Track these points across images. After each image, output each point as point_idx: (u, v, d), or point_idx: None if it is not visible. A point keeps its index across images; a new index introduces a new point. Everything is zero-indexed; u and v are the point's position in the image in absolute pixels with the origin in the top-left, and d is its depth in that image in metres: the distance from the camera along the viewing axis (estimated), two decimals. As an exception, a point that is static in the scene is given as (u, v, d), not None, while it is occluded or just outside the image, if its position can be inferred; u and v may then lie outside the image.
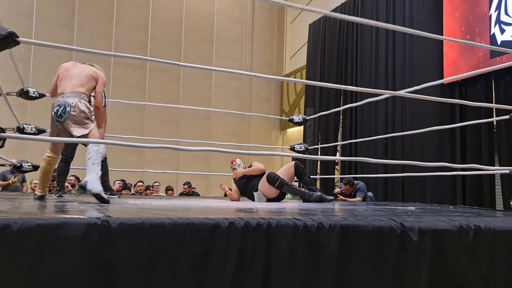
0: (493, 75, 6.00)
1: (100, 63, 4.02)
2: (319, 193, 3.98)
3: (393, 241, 1.63)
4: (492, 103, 5.81)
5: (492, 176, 5.95)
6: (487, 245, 1.74)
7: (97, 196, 2.68)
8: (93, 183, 2.72)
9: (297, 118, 5.30)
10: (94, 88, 3.14)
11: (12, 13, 9.70)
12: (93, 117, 3.01)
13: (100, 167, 2.84)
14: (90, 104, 3.10)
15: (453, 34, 6.50)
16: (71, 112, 2.88)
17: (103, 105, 3.90)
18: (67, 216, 1.39)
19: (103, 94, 3.91)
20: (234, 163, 4.43)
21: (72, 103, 2.90)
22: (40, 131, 3.97)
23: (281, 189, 4.02)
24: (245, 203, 3.59)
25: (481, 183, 6.05)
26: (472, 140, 6.28)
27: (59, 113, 2.89)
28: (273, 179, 3.96)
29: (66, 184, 6.24)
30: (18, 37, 1.47)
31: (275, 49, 13.22)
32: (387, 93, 3.47)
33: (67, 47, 1.85)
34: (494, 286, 1.72)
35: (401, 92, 3.68)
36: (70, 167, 3.83)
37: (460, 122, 5.98)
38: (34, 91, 4.12)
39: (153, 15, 11.46)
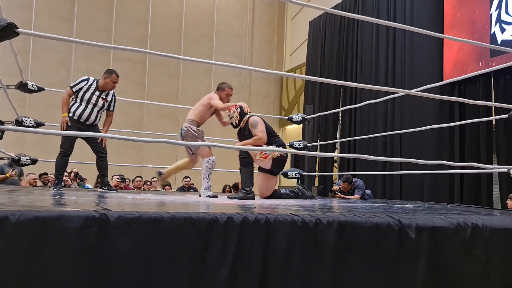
0: (492, 74, 6.00)
1: (99, 57, 4.01)
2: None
3: (390, 238, 1.63)
4: (492, 102, 5.82)
5: (490, 175, 5.96)
6: (484, 243, 1.75)
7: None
8: (204, 194, 3.76)
9: (296, 117, 5.29)
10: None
11: (11, 6, 9.65)
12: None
13: (208, 180, 3.82)
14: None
15: (454, 32, 6.49)
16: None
17: (112, 109, 3.95)
18: (65, 209, 1.39)
19: (113, 99, 3.95)
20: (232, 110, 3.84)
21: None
22: (38, 124, 3.96)
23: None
24: (244, 201, 3.56)
25: (479, 182, 6.06)
26: (471, 139, 6.29)
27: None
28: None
29: (65, 178, 6.24)
30: (18, 28, 1.46)
31: (275, 46, 13.19)
32: (387, 90, 3.47)
33: (66, 38, 1.84)
34: (490, 283, 1.73)
35: (402, 91, 3.68)
36: (69, 161, 3.83)
37: (459, 120, 5.98)
38: (33, 84, 4.11)
39: (153, 10, 11.42)
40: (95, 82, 3.83)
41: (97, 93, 3.81)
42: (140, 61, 11.00)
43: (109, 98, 3.90)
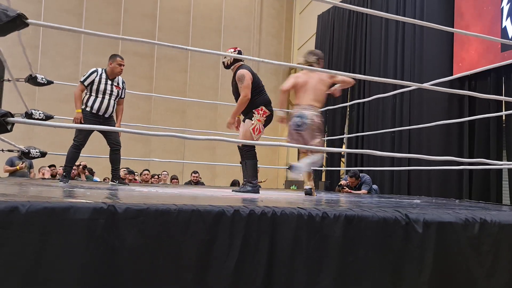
0: (503, 69, 5.92)
1: (107, 51, 4.03)
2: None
3: (397, 232, 1.63)
4: (502, 96, 5.74)
5: (500, 171, 5.90)
6: (492, 238, 1.74)
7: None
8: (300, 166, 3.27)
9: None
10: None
11: (21, 0, 9.71)
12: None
13: (308, 163, 3.28)
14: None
15: (464, 26, 6.41)
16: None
17: (123, 96, 3.94)
18: (74, 200, 1.41)
19: (124, 86, 3.94)
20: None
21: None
22: (48, 117, 3.99)
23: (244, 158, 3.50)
24: (251, 194, 3.56)
25: (488, 178, 6.00)
26: (480, 134, 6.22)
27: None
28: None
29: (73, 170, 6.29)
30: (27, 19, 1.47)
31: (283, 40, 13.14)
32: (396, 83, 3.45)
33: (76, 29, 1.86)
34: (497, 279, 1.72)
35: (411, 84, 3.64)
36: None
37: (469, 116, 5.92)
38: (42, 78, 4.14)
39: (161, 4, 11.42)
40: (104, 72, 3.84)
41: (109, 82, 3.82)
42: (148, 55, 11.03)
43: (120, 86, 3.91)
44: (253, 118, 3.48)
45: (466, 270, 1.68)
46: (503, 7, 6.00)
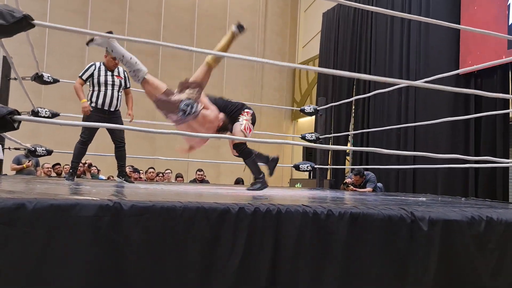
0: (510, 66, 5.87)
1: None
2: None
3: (402, 230, 1.62)
4: (509, 94, 5.69)
5: (506, 170, 5.86)
6: (498, 237, 1.73)
7: None
8: None
9: (308, 108, 5.28)
10: None
11: (27, -1, 9.75)
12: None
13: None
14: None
15: (471, 23, 6.36)
16: None
17: (128, 86, 3.95)
18: (80, 197, 1.41)
19: (126, 75, 3.93)
20: None
21: None
22: (54, 115, 4.02)
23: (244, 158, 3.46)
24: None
25: (494, 177, 5.97)
26: (487, 132, 6.18)
27: None
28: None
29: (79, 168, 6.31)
30: (33, 20, 1.48)
31: (287, 38, 13.10)
32: (401, 83, 3.43)
33: (81, 30, 1.86)
34: (503, 278, 1.71)
35: (416, 83, 3.62)
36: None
37: (475, 113, 5.87)
38: (48, 76, 4.17)
39: (166, 2, 11.43)
40: (102, 64, 3.82)
41: (109, 73, 3.79)
42: (153, 53, 11.04)
43: (122, 75, 3.89)
44: (240, 119, 3.54)
45: (472, 268, 1.67)
46: (509, 4, 5.95)
